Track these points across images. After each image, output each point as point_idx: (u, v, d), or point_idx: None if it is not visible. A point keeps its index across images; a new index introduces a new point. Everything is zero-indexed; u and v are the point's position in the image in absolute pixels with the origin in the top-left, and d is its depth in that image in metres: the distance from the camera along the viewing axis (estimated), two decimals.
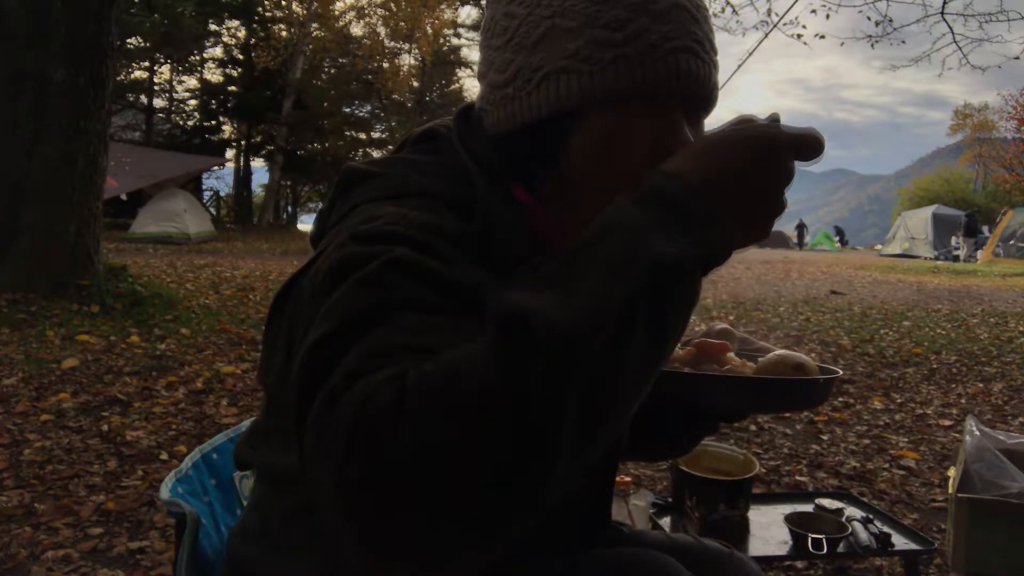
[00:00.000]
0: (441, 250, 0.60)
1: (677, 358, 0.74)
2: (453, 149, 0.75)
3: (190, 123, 25.70)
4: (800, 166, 0.61)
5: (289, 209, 28.94)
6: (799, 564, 2.12)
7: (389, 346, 0.50)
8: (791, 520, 1.85)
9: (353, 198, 0.70)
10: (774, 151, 0.57)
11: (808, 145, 0.59)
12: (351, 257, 0.58)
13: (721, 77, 0.76)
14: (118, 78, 18.14)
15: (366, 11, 22.39)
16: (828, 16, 8.66)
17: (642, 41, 0.67)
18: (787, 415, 3.79)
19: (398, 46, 24.23)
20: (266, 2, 23.36)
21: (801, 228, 34.56)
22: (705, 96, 0.72)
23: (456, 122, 0.78)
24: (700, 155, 0.57)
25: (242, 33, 24.73)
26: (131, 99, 23.61)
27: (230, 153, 26.22)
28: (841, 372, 0.73)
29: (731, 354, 0.75)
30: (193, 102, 26.12)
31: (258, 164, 26.93)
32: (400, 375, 0.46)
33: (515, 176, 0.74)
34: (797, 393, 0.69)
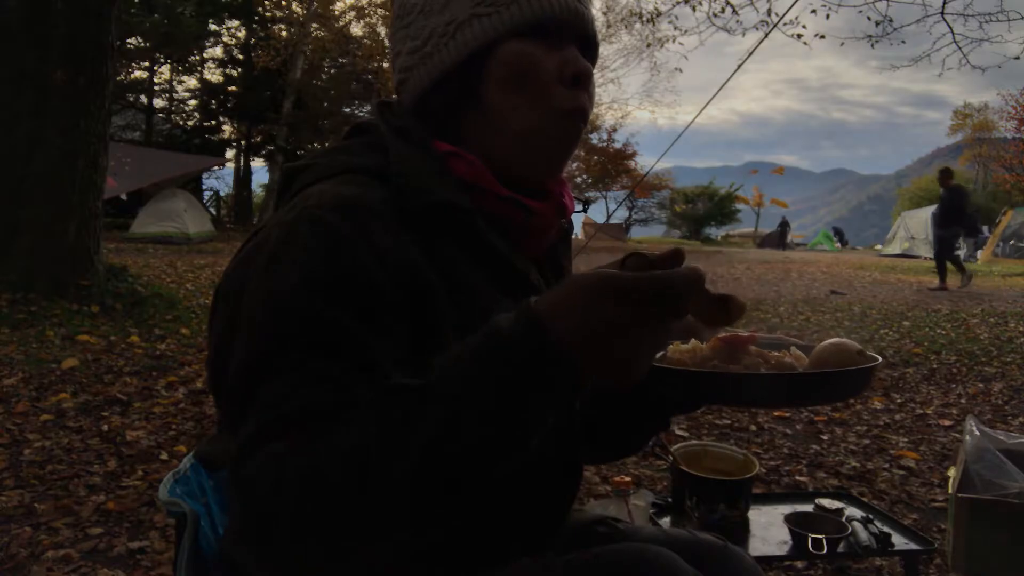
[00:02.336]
0: (355, 219, 0.69)
1: (704, 356, 0.73)
2: (378, 130, 0.83)
3: (190, 123, 25.67)
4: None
5: None
6: (799, 564, 2.12)
7: (287, 412, 0.60)
8: (791, 520, 1.85)
9: (293, 188, 0.80)
10: (612, 294, 0.56)
11: (658, 295, 0.56)
12: (271, 257, 0.68)
13: (720, 77, 0.80)
14: (118, 78, 18.11)
15: (366, 11, 22.38)
16: (828, 16, 8.66)
17: None
18: (787, 414, 3.79)
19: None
20: (266, 2, 23.33)
21: (784, 227, 32.76)
22: (589, 36, 0.84)
23: (377, 108, 0.88)
24: (559, 292, 0.58)
25: (242, 33, 24.72)
26: (131, 99, 23.59)
27: (230, 153, 26.23)
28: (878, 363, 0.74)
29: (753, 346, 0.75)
30: (193, 102, 26.10)
31: (258, 164, 27.02)
32: (280, 462, 0.56)
33: (437, 133, 0.82)
34: (865, 381, 0.70)
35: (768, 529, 1.89)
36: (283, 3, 23.17)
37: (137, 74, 23.65)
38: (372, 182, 0.76)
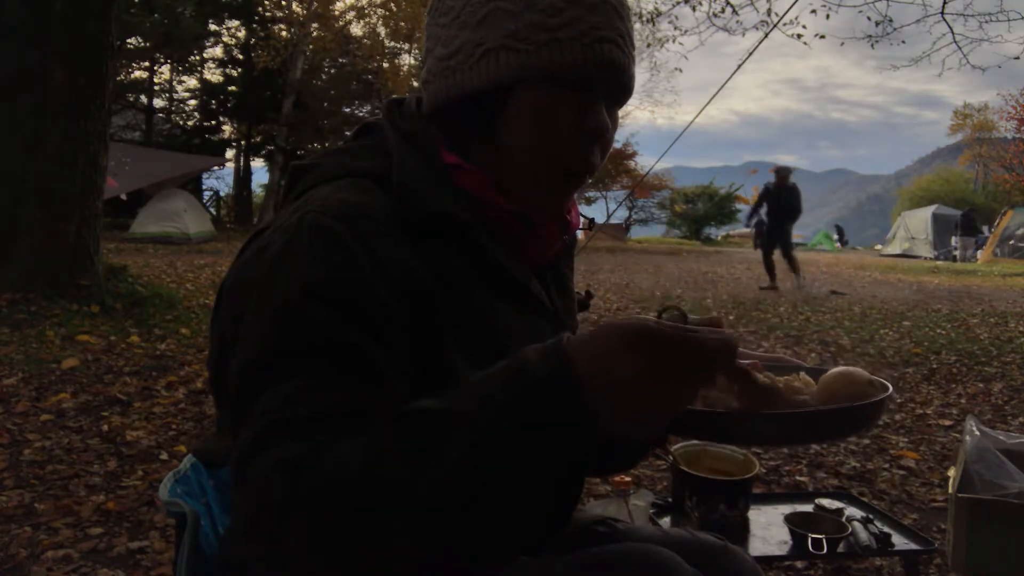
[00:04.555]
0: (357, 228, 0.70)
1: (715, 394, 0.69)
2: (384, 132, 0.83)
3: (190, 123, 25.64)
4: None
5: None
6: (799, 564, 2.12)
7: (292, 416, 0.60)
8: (791, 520, 1.85)
9: (297, 189, 0.81)
10: (647, 344, 0.56)
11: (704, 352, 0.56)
12: (274, 262, 0.69)
13: (719, 77, 0.79)
14: (118, 78, 18.10)
15: (366, 11, 22.36)
16: (828, 16, 8.65)
17: (574, 28, 0.75)
18: None
19: (398, 46, 24.22)
20: (266, 2, 23.31)
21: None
22: (623, 84, 0.80)
23: (386, 108, 0.86)
24: (591, 342, 0.58)
25: (242, 33, 24.68)
26: (131, 99, 23.56)
27: (230, 153, 26.17)
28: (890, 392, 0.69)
29: (761, 375, 0.70)
30: (193, 102, 26.07)
31: (258, 164, 26.95)
32: (292, 467, 0.57)
33: (449, 143, 0.81)
34: (879, 413, 0.66)
35: (768, 529, 1.89)
36: (283, 3, 23.15)
37: (137, 74, 23.62)
38: (375, 188, 0.76)
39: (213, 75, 25.71)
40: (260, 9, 23.23)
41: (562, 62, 0.74)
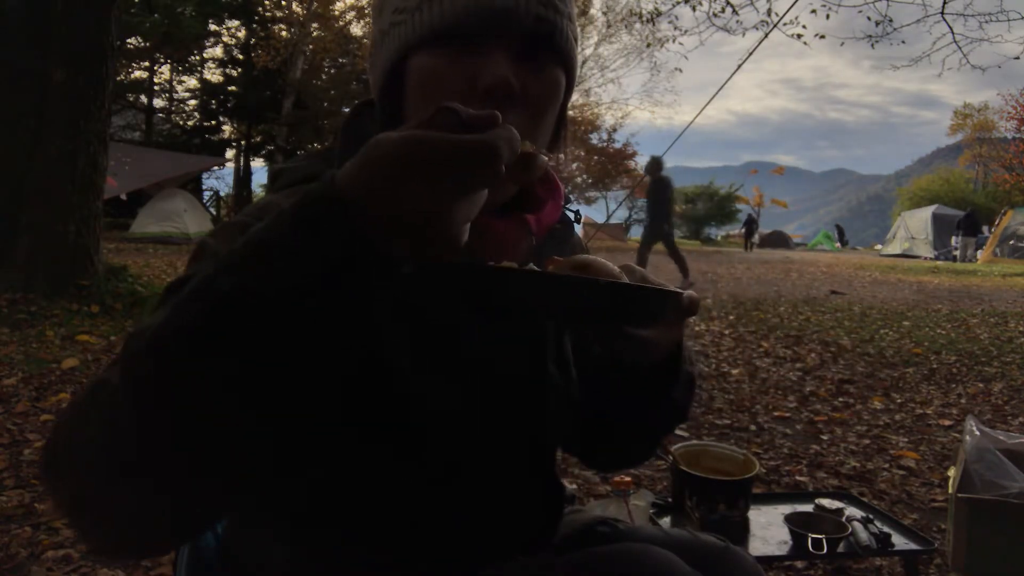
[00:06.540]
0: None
1: None
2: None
3: (190, 123, 25.68)
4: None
5: None
6: (799, 564, 2.12)
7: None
8: (791, 520, 1.85)
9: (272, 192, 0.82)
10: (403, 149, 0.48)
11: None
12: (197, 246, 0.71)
13: (716, 77, 0.77)
14: (118, 78, 18.10)
15: (366, 11, 22.39)
16: (828, 16, 8.66)
17: None
18: (787, 414, 3.79)
19: None
20: (266, 2, 23.34)
21: (750, 225, 30.43)
22: (528, 32, 0.70)
23: (359, 106, 0.85)
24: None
25: (242, 33, 24.72)
26: (131, 99, 23.60)
27: (230, 153, 26.20)
28: (683, 292, 0.63)
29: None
30: (193, 102, 26.10)
31: (258, 164, 26.89)
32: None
33: None
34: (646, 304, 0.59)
35: (768, 529, 1.89)
36: (283, 3, 23.18)
37: (137, 74, 23.66)
38: None
39: (213, 75, 25.75)
40: (260, 9, 23.26)
41: (430, 21, 0.70)
